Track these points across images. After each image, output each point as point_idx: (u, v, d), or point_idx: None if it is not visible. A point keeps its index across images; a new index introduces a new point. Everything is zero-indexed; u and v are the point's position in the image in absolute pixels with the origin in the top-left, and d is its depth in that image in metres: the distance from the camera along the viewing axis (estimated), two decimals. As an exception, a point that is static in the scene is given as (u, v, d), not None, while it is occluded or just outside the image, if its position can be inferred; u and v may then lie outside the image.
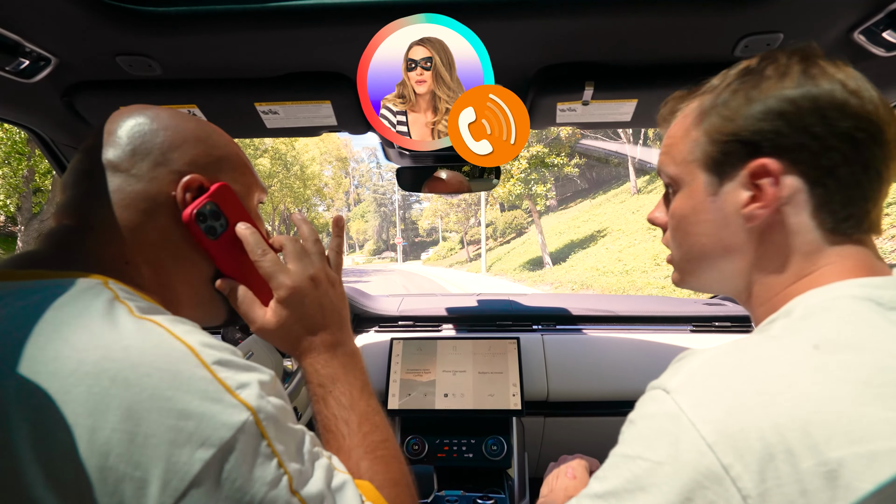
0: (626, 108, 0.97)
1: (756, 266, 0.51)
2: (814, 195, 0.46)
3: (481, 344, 1.38)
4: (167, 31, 0.76)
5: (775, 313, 0.47)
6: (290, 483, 0.41)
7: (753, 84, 0.47)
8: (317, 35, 0.78)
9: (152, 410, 0.36)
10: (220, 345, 0.44)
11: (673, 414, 0.40)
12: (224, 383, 0.40)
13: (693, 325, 1.56)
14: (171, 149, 0.52)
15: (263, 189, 0.63)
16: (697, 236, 0.53)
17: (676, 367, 0.45)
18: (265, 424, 0.41)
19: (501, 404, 1.29)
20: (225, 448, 0.38)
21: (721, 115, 0.49)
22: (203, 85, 0.91)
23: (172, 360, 0.39)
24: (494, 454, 1.26)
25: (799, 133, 0.45)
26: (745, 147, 0.47)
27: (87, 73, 0.87)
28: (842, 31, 0.76)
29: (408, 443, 1.29)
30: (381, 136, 1.11)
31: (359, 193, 75.27)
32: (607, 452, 0.46)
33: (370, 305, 1.64)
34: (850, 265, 0.46)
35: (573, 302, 1.71)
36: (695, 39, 0.79)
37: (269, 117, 0.99)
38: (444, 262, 32.59)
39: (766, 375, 0.39)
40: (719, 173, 0.50)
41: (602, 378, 1.37)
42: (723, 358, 0.42)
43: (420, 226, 48.60)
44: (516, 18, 0.74)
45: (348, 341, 0.58)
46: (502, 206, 31.26)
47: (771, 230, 0.48)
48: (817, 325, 0.41)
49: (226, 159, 0.57)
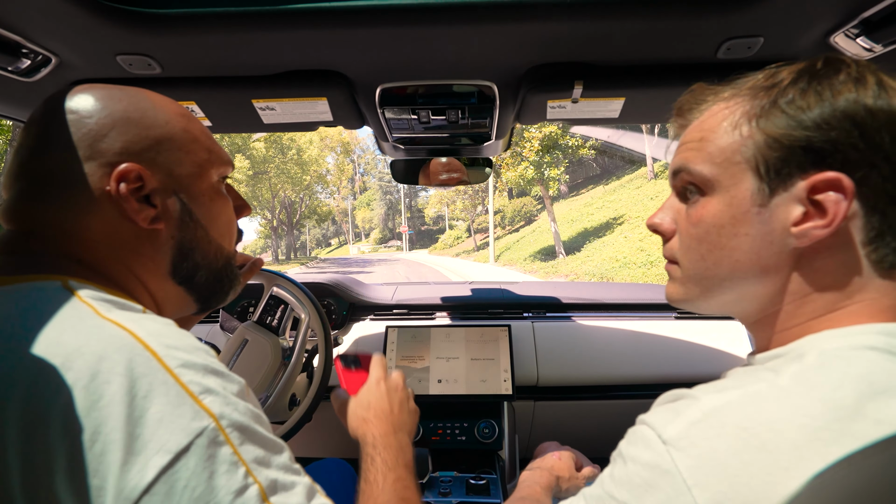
0: (614, 105, 1.05)
1: (786, 292, 0.47)
2: (870, 222, 0.43)
3: (474, 331, 1.50)
4: (168, 31, 0.82)
5: (784, 347, 0.45)
6: (262, 492, 0.41)
7: (828, 86, 0.43)
8: (315, 36, 0.84)
9: (111, 417, 0.37)
10: (191, 345, 0.45)
11: (668, 471, 0.39)
12: (187, 388, 0.41)
13: (678, 312, 1.67)
14: (98, 139, 0.50)
15: (225, 161, 0.61)
16: (732, 251, 0.48)
17: (674, 409, 0.43)
18: (229, 431, 0.41)
19: (493, 389, 1.41)
20: (181, 455, 0.38)
21: (788, 114, 0.44)
22: (202, 83, 0.99)
23: (133, 365, 0.40)
24: (486, 437, 1.38)
25: (873, 150, 0.42)
26: (808, 155, 0.43)
27: (87, 71, 0.94)
28: (819, 35, 0.82)
29: (403, 426, 1.41)
30: (375, 130, 1.22)
31: (364, 181, 75.29)
32: (593, 435, 0.52)
33: (365, 294, 1.76)
34: (886, 304, 0.44)
35: (563, 290, 1.83)
36: (679, 41, 0.86)
37: (267, 113, 1.08)
38: (451, 252, 32.58)
39: (777, 446, 0.37)
40: (772, 181, 0.45)
41: (589, 364, 1.50)
42: (728, 413, 0.40)
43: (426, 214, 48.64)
44: (508, 21, 0.80)
45: (402, 430, 0.76)
46: (510, 193, 31.17)
47: (816, 255, 0.45)
48: (835, 381, 0.38)
49: (167, 139, 0.54)
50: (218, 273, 0.62)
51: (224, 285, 0.64)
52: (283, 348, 1.24)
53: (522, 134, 14.37)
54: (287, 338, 1.30)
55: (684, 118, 0.54)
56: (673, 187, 0.55)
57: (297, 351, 1.21)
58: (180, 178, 0.55)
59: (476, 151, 1.37)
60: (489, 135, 1.23)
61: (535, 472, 0.91)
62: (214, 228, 0.60)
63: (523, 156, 14.46)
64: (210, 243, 0.59)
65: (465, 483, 1.26)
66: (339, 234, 76.85)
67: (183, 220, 0.56)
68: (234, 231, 0.64)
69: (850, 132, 0.42)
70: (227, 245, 0.63)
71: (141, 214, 0.52)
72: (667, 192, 0.58)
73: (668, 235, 0.56)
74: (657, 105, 1.03)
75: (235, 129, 1.11)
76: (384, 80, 0.99)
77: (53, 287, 0.45)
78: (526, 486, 0.88)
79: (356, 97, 1.04)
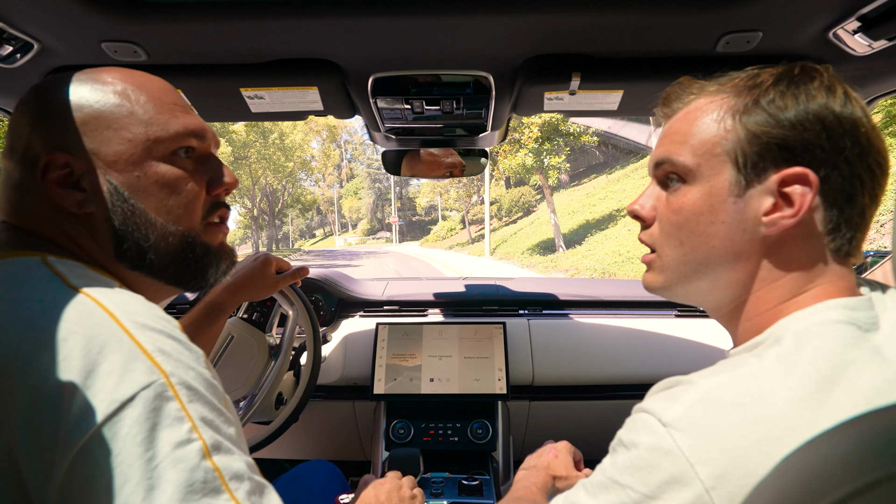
0: (612, 97, 1.08)
1: (756, 278, 0.54)
2: (829, 215, 0.51)
3: (467, 329, 1.54)
4: (154, 18, 0.84)
5: (762, 335, 0.52)
6: (205, 448, 0.44)
7: (804, 90, 0.51)
8: (306, 25, 0.86)
9: (66, 371, 0.42)
10: (153, 314, 0.50)
11: (669, 451, 0.44)
12: (141, 346, 0.46)
13: (678, 310, 1.73)
14: (25, 142, 0.58)
15: (176, 134, 0.61)
16: (709, 238, 0.54)
17: (671, 394, 0.48)
18: (178, 388, 0.45)
19: (487, 389, 1.46)
20: (126, 404, 0.42)
21: (769, 112, 0.51)
22: (188, 70, 1.01)
23: (90, 325, 0.45)
24: (480, 437, 1.43)
25: (836, 152, 0.49)
26: (782, 152, 0.50)
27: (70, 58, 0.95)
28: (818, 30, 0.86)
29: (393, 426, 1.45)
30: (366, 120, 1.24)
31: (351, 168, 74.96)
32: (590, 436, 0.55)
33: (355, 290, 1.80)
34: (841, 286, 0.52)
35: (560, 287, 1.87)
36: (678, 35, 0.90)
37: (255, 102, 1.11)
38: (444, 244, 32.63)
39: (770, 417, 0.42)
40: (748, 174, 0.52)
41: (587, 363, 1.55)
42: (723, 393, 0.45)
43: (418, 203, 48.57)
44: (504, 12, 0.83)
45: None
46: (508, 182, 31.17)
47: (782, 243, 0.52)
48: (811, 356, 0.45)
49: (94, 119, 0.57)
50: (176, 254, 0.62)
51: (192, 266, 0.64)
52: (270, 345, 1.27)
53: (521, 120, 14.36)
54: (274, 334, 1.33)
55: (670, 108, 0.61)
56: (654, 176, 0.62)
57: (284, 348, 1.24)
58: (108, 157, 0.57)
59: (471, 143, 1.41)
60: (485, 126, 1.26)
61: (531, 472, 0.95)
62: (155, 207, 0.60)
63: (522, 143, 14.44)
64: (151, 223, 0.60)
65: (458, 484, 1.30)
66: (325, 225, 76.61)
67: (113, 201, 0.58)
68: (194, 208, 0.63)
69: (820, 134, 0.50)
70: (181, 224, 0.62)
71: (67, 200, 0.57)
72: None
73: (648, 221, 0.62)
74: (656, 98, 1.07)
75: (223, 118, 1.14)
76: (377, 69, 1.02)
77: (34, 261, 0.52)
78: (521, 487, 0.91)
79: (348, 86, 1.07)
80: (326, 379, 1.56)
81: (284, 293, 1.27)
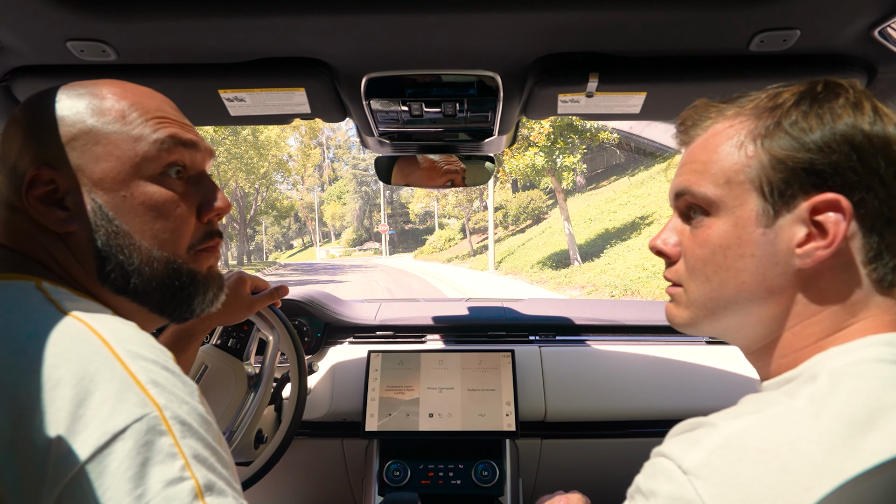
0: (634, 100, 1.12)
1: (791, 314, 0.56)
2: (869, 243, 0.53)
3: (471, 357, 1.56)
4: (124, 15, 0.87)
5: (796, 370, 0.54)
6: (198, 488, 0.47)
7: (828, 109, 0.53)
8: (293, 20, 0.89)
9: (57, 399, 0.46)
10: (146, 343, 0.54)
11: (691, 501, 0.46)
12: (135, 376, 0.49)
13: (709, 336, 1.74)
14: (15, 157, 0.62)
15: (167, 150, 0.64)
16: (738, 273, 0.57)
17: (692, 438, 0.50)
18: (172, 423, 0.48)
19: (493, 425, 1.47)
20: (117, 436, 0.45)
21: (792, 135, 0.53)
22: (161, 71, 1.04)
23: (83, 351, 0.49)
24: (485, 480, 1.44)
25: (870, 174, 0.52)
26: (810, 177, 0.53)
27: (32, 58, 0.98)
28: (861, 28, 0.89)
29: (388, 468, 1.46)
30: (358, 123, 1.28)
31: (334, 169, 75.00)
32: (609, 479, 0.57)
33: (343, 313, 1.81)
34: (887, 320, 0.54)
35: (576, 309, 1.90)
36: (708, 33, 0.93)
37: (235, 105, 1.14)
38: (441, 256, 32.56)
39: (798, 466, 0.44)
40: (776, 202, 0.54)
41: (607, 396, 1.56)
42: (748, 437, 0.47)
43: (411, 210, 48.60)
44: (513, 10, 0.86)
45: None
46: (515, 185, 31.17)
47: (820, 275, 0.54)
48: (846, 398, 0.47)
49: (82, 135, 0.61)
50: (161, 281, 0.66)
51: (177, 294, 0.68)
52: (249, 375, 1.29)
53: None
54: (252, 363, 1.35)
55: (687, 134, 0.64)
56: (675, 208, 0.65)
57: (265, 379, 1.26)
58: (94, 174, 0.61)
59: (476, 148, 1.44)
60: (491, 130, 1.29)
61: None
62: (140, 230, 0.63)
63: (531, 140, 14.43)
64: (135, 247, 0.63)
65: None
66: (304, 235, 76.51)
67: (96, 221, 0.61)
68: (181, 233, 0.67)
69: (849, 155, 0.52)
70: (166, 249, 0.65)
71: (49, 217, 0.61)
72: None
73: (673, 258, 0.65)
74: (683, 101, 1.10)
75: (198, 122, 1.17)
76: (371, 69, 1.05)
77: (28, 286, 0.57)
78: None
79: (338, 87, 1.10)
80: (312, 414, 1.57)
81: (263, 315, 1.28)
